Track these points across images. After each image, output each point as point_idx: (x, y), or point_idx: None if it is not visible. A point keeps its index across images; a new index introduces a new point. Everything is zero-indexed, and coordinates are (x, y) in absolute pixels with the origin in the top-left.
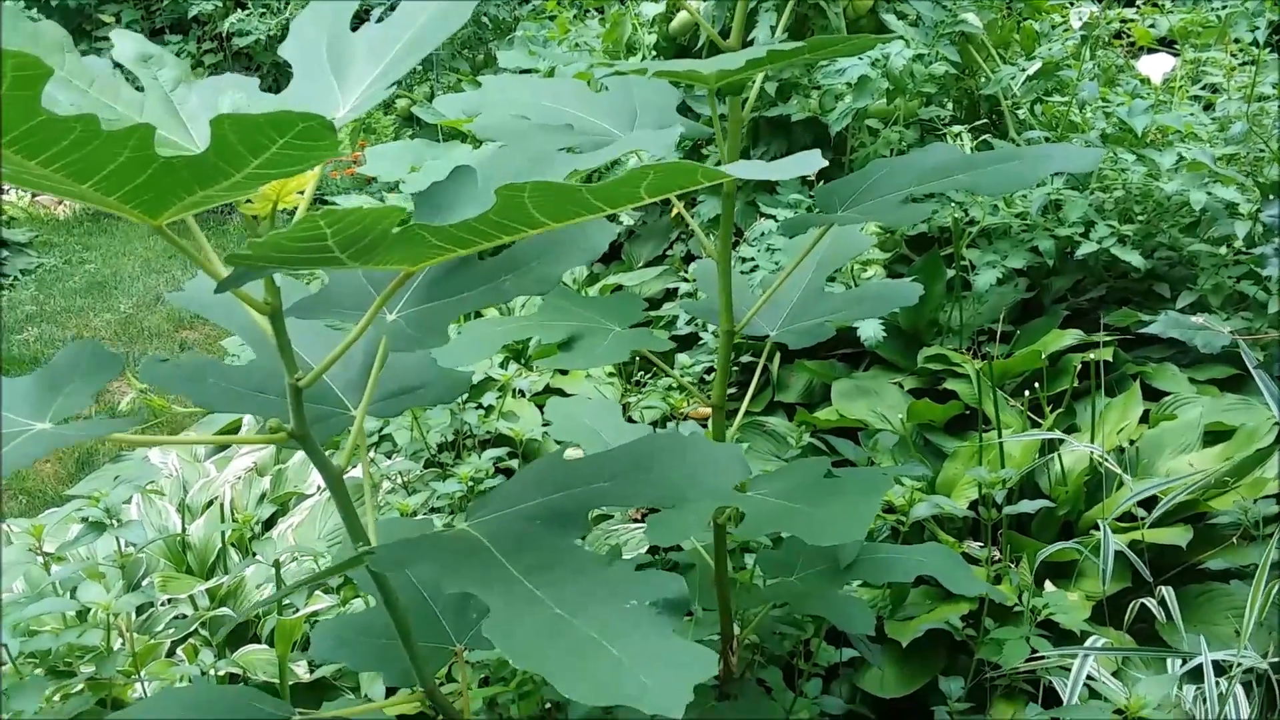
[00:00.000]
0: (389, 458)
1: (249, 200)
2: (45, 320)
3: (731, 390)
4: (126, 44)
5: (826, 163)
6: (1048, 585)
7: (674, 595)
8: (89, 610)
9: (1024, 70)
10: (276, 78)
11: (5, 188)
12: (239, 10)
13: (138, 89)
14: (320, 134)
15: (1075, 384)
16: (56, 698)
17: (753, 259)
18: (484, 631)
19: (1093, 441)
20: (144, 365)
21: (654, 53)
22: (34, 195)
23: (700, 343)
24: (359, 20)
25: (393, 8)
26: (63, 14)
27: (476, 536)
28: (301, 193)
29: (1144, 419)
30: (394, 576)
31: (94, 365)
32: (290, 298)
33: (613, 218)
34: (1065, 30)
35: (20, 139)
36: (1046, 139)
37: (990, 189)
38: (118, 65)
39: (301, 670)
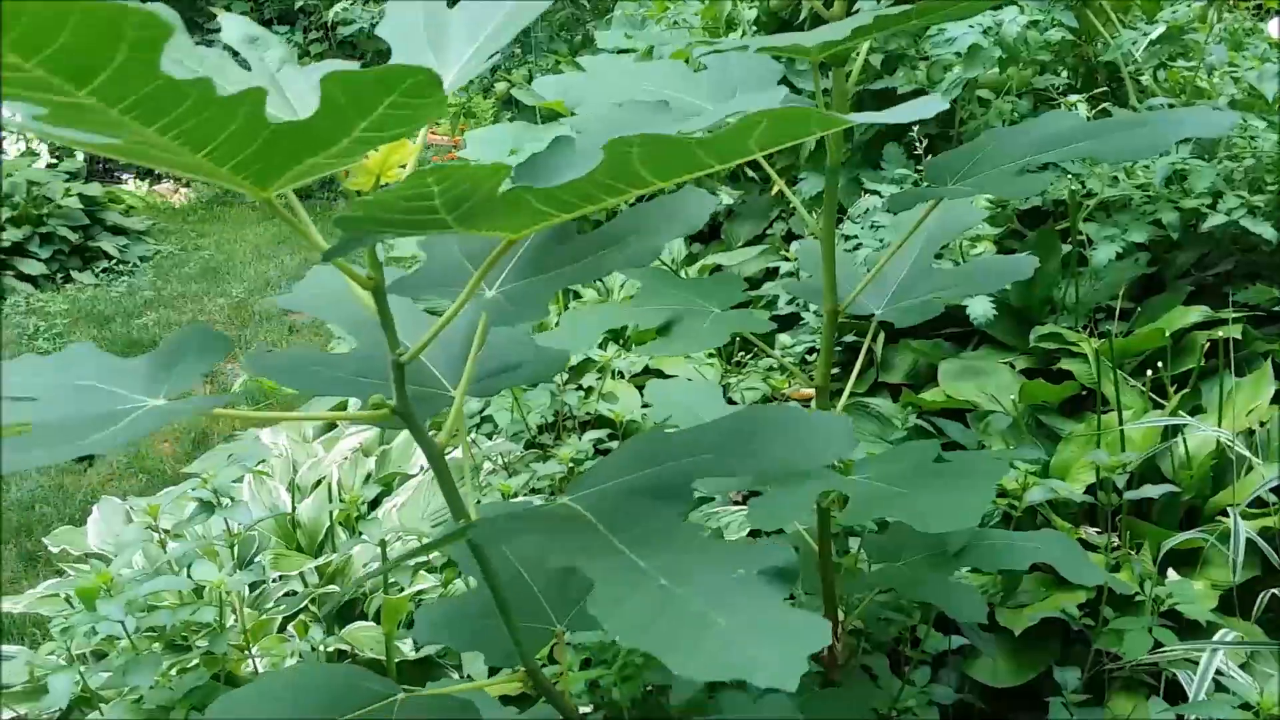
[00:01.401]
0: (490, 439)
1: (352, 176)
2: (163, 305)
3: (834, 371)
4: (234, 25)
5: (946, 105)
6: (1170, 574)
7: (783, 564)
8: (203, 587)
9: (1146, 35)
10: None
11: (124, 177)
12: None
13: (246, 70)
14: (427, 89)
15: (1201, 363)
16: (173, 672)
17: (855, 237)
18: (589, 608)
19: (1220, 423)
20: (250, 357)
21: (754, 28)
22: (151, 185)
23: (802, 323)
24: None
25: None
26: (174, 4)
27: (579, 510)
28: (403, 167)
29: (1276, 399)
30: (494, 557)
31: (204, 346)
32: (391, 281)
33: (711, 191)
34: None
35: (138, 104)
36: (1171, 106)
37: (1116, 156)
38: (226, 48)
39: (407, 648)
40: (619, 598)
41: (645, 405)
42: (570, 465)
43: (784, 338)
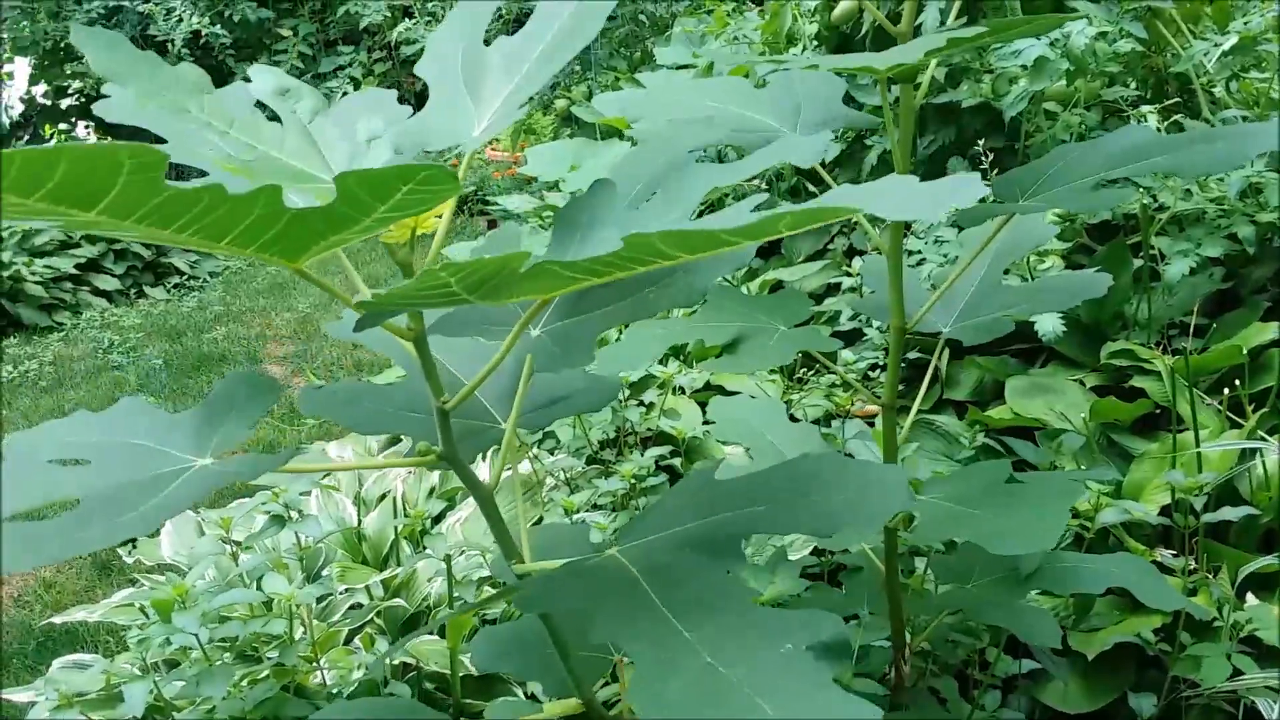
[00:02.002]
0: (552, 454)
1: (388, 230)
2: (231, 320)
3: (899, 388)
4: (265, 79)
5: (988, 190)
6: (1249, 598)
7: (832, 638)
8: (273, 599)
9: (1218, 45)
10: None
11: None
12: (406, 19)
13: (277, 122)
14: (442, 180)
15: None
16: (244, 683)
17: (919, 252)
18: (629, 696)
19: None
20: (302, 394)
21: (815, 43)
22: None
23: (864, 339)
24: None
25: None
26: (245, 28)
27: (625, 565)
28: (439, 217)
29: None
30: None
31: (251, 394)
32: (436, 313)
33: (771, 205)
34: (1263, 1)
35: (150, 213)
36: (1245, 118)
37: (1193, 170)
38: (258, 103)
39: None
40: (663, 683)
41: (707, 422)
42: (632, 481)
43: (846, 354)
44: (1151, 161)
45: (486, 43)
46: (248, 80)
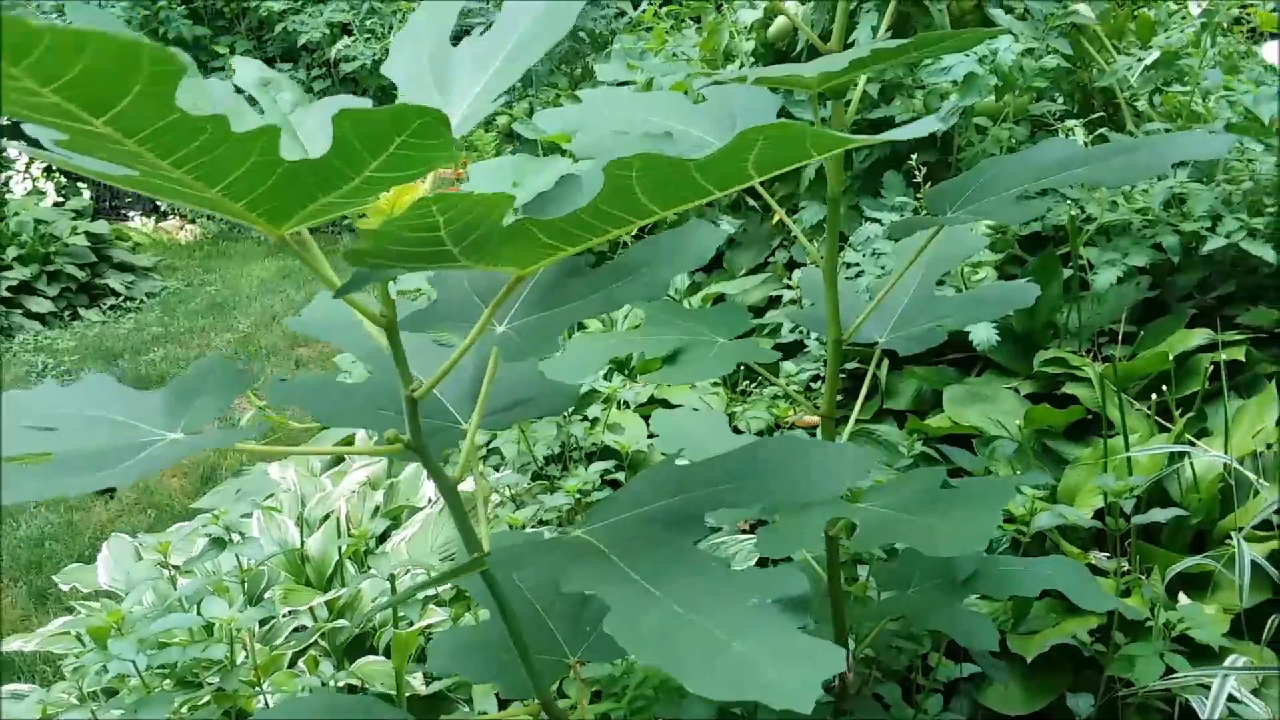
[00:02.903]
0: (497, 470)
1: (364, 215)
2: (170, 341)
3: (839, 398)
4: (247, 69)
5: (943, 125)
6: (1181, 598)
7: (796, 592)
8: (214, 624)
9: (1141, 60)
10: (382, 101)
11: (131, 215)
12: (345, 37)
13: (259, 112)
14: (436, 129)
15: (1206, 386)
16: (184, 709)
17: (857, 264)
18: (606, 627)
19: (1225, 446)
20: (268, 385)
21: (752, 59)
22: (158, 222)
23: (805, 350)
24: (458, 36)
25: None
26: (180, 46)
27: (593, 542)
28: None
29: None
30: (507, 589)
31: (223, 380)
32: (401, 315)
33: (713, 221)
34: (1183, 18)
35: (154, 136)
36: (1167, 131)
37: (1113, 181)
38: (239, 90)
39: (418, 683)
40: (636, 619)
41: (651, 435)
42: (577, 497)
43: (788, 365)
44: (1073, 173)
45: (454, 43)
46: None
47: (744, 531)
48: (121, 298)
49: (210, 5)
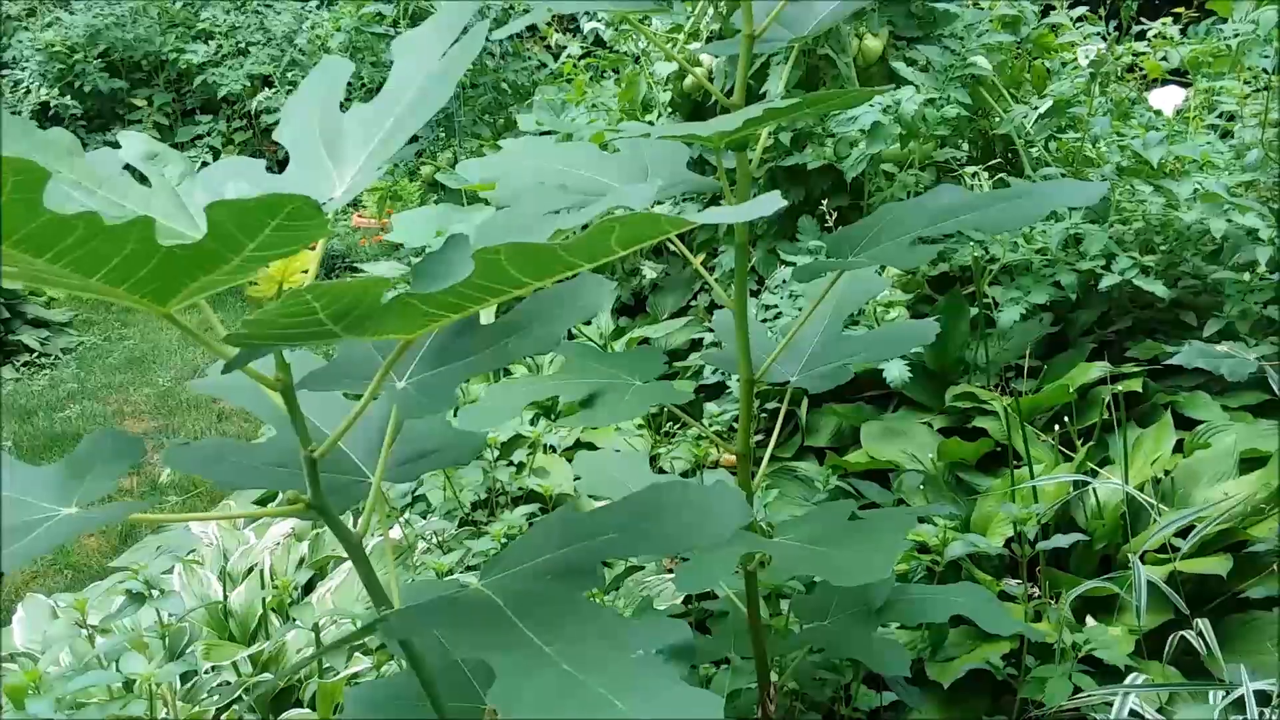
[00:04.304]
0: (424, 518)
1: (254, 283)
2: (87, 397)
3: (760, 437)
4: (134, 144)
5: (785, 204)
6: (1089, 620)
7: (679, 641)
8: (133, 681)
9: (1035, 109)
10: None
11: None
12: (266, 89)
13: (147, 186)
14: (309, 214)
15: (1106, 416)
16: None
17: (776, 306)
18: (489, 699)
19: (1125, 474)
20: (169, 451)
21: (669, 110)
22: None
23: (728, 391)
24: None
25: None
26: (97, 99)
27: (489, 595)
28: (306, 272)
29: (1178, 448)
30: (423, 639)
31: (115, 451)
32: (305, 369)
33: (633, 272)
34: (1075, 68)
35: (25, 239)
36: (1062, 175)
37: (996, 227)
38: (127, 166)
39: None
40: (521, 685)
41: (576, 478)
42: (503, 541)
43: (711, 406)
44: (961, 219)
45: (342, 108)
46: (114, 145)
47: (668, 570)
48: (36, 354)
49: (128, 58)
